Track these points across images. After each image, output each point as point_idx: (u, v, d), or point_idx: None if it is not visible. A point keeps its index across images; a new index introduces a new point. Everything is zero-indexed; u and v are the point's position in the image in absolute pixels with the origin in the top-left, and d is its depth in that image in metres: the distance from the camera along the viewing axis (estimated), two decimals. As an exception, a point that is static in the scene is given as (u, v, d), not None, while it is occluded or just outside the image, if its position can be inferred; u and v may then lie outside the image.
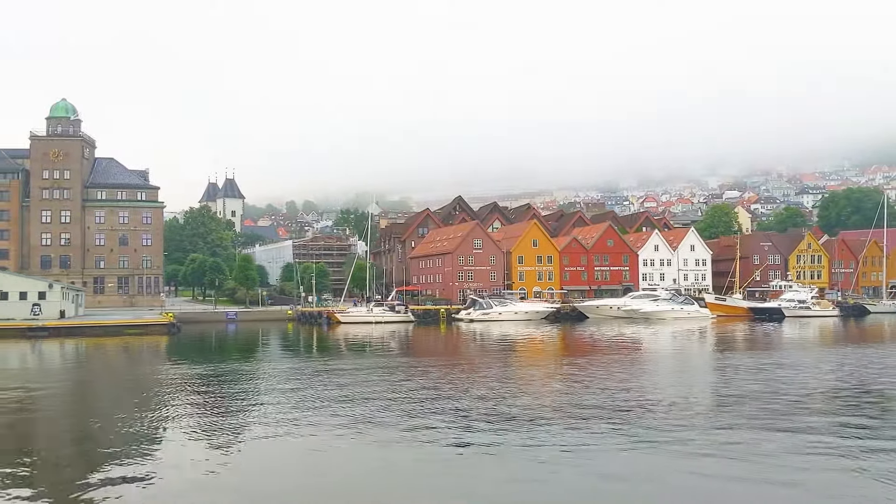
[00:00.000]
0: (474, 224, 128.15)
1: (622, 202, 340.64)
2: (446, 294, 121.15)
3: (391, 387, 33.86)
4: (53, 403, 33.09)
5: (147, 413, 28.48)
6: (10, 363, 53.92)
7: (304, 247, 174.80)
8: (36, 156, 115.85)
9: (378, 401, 29.44)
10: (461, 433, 23.14)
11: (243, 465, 20.40)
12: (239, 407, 29.44)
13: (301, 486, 18.14)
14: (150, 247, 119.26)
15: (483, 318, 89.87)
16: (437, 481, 18.32)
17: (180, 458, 21.07)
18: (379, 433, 23.29)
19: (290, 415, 26.85)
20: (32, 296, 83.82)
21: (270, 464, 20.23)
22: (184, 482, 18.33)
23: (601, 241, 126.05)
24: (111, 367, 51.50)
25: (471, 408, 27.65)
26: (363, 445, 21.99)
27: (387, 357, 51.64)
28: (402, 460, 20.40)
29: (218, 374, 42.11)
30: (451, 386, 34.17)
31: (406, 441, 22.31)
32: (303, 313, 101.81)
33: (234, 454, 21.48)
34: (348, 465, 19.88)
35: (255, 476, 18.98)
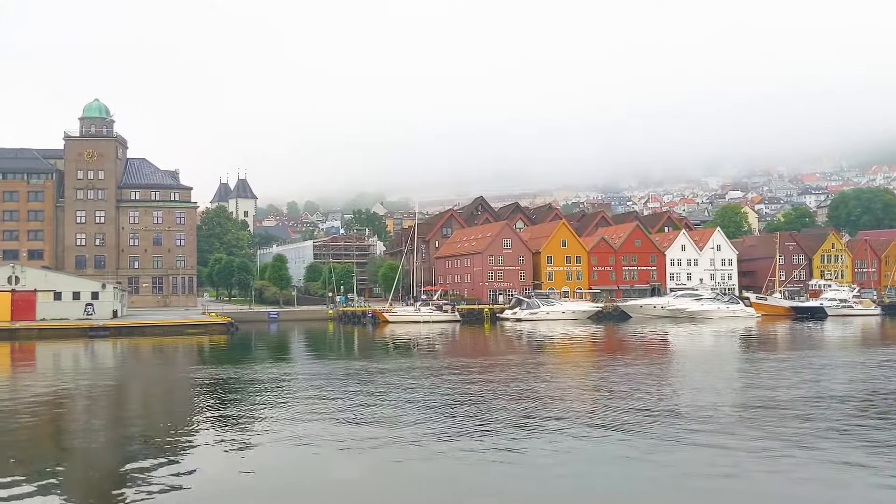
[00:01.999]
0: (504, 224, 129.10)
1: (625, 202, 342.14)
2: (475, 294, 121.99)
3: (477, 389, 33.79)
4: (149, 401, 33.89)
5: (222, 412, 29.44)
6: (100, 361, 54.60)
7: (325, 247, 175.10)
8: (70, 156, 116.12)
9: (466, 405, 29.15)
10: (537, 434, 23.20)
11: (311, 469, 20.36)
12: (320, 407, 29.09)
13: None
14: (184, 247, 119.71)
15: (531, 318, 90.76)
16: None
17: (233, 457, 21.61)
18: (458, 436, 23.09)
19: (365, 418, 26.72)
20: (85, 296, 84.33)
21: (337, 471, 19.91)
22: (222, 483, 18.91)
23: (629, 240, 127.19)
24: (197, 364, 51.72)
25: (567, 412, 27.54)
26: (440, 450, 21.61)
27: (457, 357, 52.26)
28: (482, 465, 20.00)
29: (291, 374, 41.69)
30: (545, 388, 34.21)
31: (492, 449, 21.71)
32: (344, 313, 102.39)
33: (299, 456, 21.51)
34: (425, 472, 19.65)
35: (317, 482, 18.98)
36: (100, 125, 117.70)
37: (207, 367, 47.29)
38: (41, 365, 52.38)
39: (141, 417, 30.25)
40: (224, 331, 78.62)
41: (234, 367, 46.10)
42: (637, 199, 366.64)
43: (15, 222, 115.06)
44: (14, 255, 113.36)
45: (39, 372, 47.92)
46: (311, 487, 18.49)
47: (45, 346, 65.01)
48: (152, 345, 66.19)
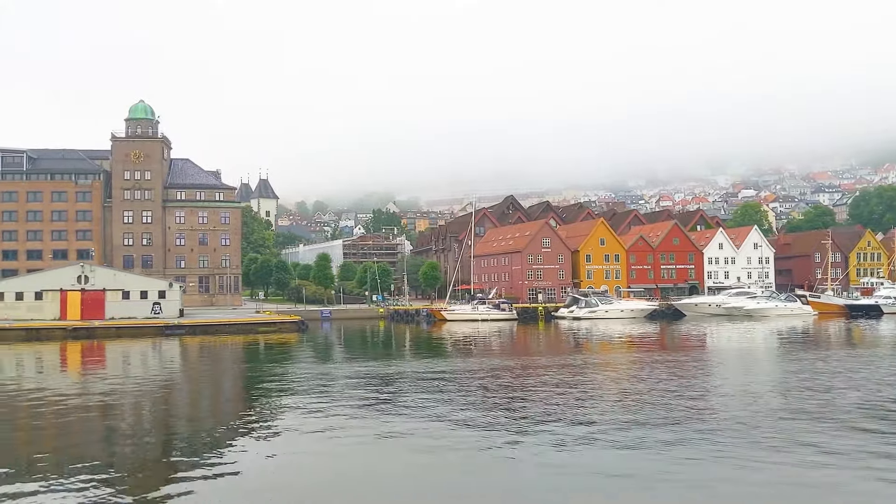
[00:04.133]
0: (543, 223, 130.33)
1: (637, 201, 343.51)
2: (513, 292, 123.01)
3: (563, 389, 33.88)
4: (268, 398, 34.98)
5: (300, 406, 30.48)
6: (197, 358, 55.77)
7: (354, 246, 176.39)
8: (117, 157, 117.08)
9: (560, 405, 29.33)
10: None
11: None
12: (391, 408, 29.38)
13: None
14: (229, 246, 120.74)
15: (589, 316, 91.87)
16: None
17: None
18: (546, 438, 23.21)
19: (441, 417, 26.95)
20: (153, 295, 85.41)
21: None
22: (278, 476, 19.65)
23: (667, 239, 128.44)
24: (282, 362, 52.55)
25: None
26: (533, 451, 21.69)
27: (535, 356, 53.29)
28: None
29: (374, 373, 41.64)
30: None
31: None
32: (396, 311, 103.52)
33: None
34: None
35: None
36: (146, 126, 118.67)
37: (299, 364, 48.53)
38: (141, 362, 53.23)
39: (253, 409, 31.21)
40: (295, 329, 79.73)
41: (325, 364, 47.38)
42: (647, 198, 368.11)
43: (64, 222, 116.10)
44: (63, 255, 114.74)
45: (147, 368, 48.95)
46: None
47: (128, 345, 65.71)
48: (231, 343, 67.15)
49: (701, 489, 17.77)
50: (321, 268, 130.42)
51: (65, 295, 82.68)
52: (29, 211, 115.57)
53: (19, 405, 32.48)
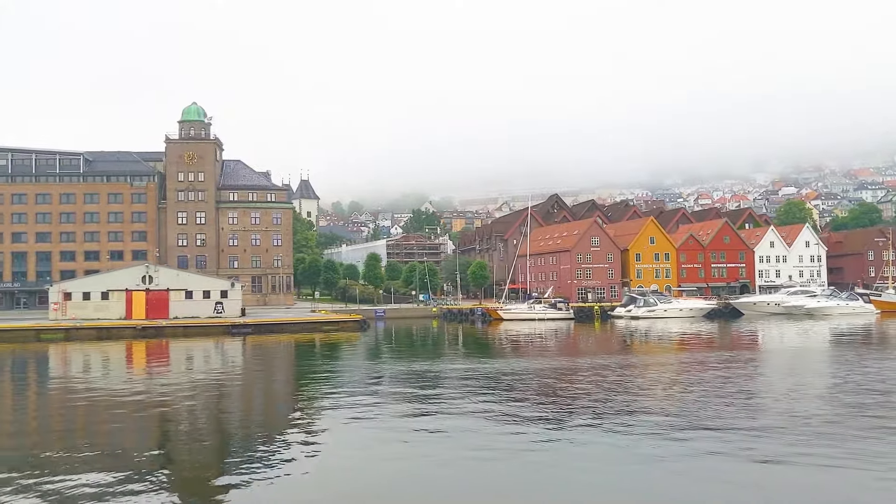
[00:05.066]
0: (591, 221, 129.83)
1: (675, 199, 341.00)
2: (562, 292, 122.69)
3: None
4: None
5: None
6: (273, 356, 56.52)
7: (397, 246, 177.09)
8: (171, 158, 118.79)
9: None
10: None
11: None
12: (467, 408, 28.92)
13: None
14: (281, 247, 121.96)
15: (648, 316, 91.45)
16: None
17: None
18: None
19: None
20: (215, 294, 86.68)
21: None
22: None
23: (717, 237, 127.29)
24: (360, 359, 52.77)
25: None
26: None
27: (617, 355, 53.27)
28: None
29: (467, 371, 41.55)
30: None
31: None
32: (449, 310, 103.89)
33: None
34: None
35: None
36: (198, 128, 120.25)
37: (365, 362, 49.11)
38: (215, 360, 53.93)
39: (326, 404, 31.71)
40: (357, 328, 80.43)
41: (391, 362, 47.77)
42: (686, 196, 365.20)
43: (119, 224, 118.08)
44: (119, 256, 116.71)
45: (220, 366, 49.79)
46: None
47: (196, 343, 66.73)
48: (297, 341, 67.96)
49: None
50: (371, 267, 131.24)
51: (130, 295, 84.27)
52: (86, 213, 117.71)
53: (92, 401, 33.13)
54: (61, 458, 21.74)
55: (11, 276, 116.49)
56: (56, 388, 38.15)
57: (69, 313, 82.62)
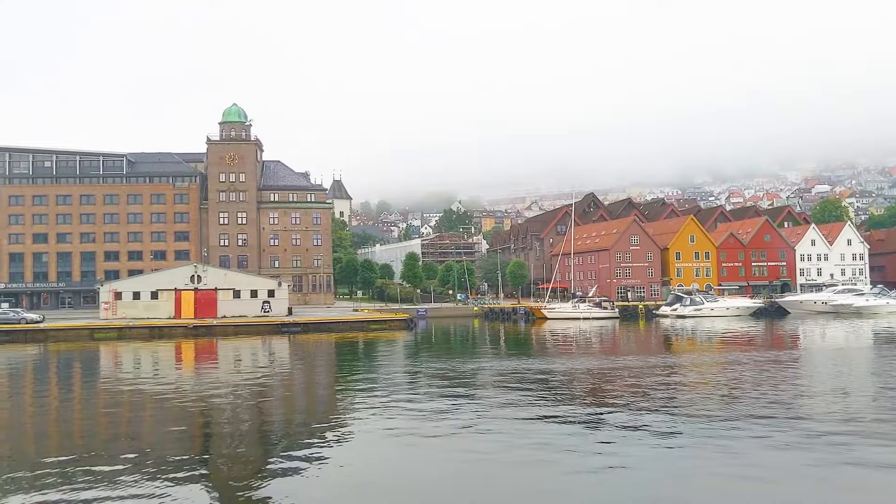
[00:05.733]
0: (631, 220, 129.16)
1: (706, 198, 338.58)
2: (601, 291, 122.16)
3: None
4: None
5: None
6: (336, 353, 56.88)
7: (432, 245, 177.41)
8: (213, 159, 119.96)
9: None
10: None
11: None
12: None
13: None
14: (321, 247, 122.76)
15: (694, 314, 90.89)
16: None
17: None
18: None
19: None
20: (262, 294, 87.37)
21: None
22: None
23: (758, 236, 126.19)
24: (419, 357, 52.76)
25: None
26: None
27: (677, 354, 52.87)
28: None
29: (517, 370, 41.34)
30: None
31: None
32: (491, 309, 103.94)
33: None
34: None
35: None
36: (239, 129, 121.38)
37: (414, 360, 49.03)
38: (271, 358, 54.17)
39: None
40: (404, 326, 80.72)
41: (441, 360, 47.71)
42: (716, 195, 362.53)
43: (162, 224, 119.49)
44: (162, 256, 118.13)
45: (276, 363, 50.19)
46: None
47: (246, 342, 67.02)
48: (346, 339, 68.20)
49: None
50: (409, 267, 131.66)
51: (179, 294, 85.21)
52: (129, 213, 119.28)
53: (142, 398, 33.57)
54: (112, 453, 22.23)
55: (56, 276, 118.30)
56: (109, 385, 38.52)
57: (119, 312, 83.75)
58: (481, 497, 17.19)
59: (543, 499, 16.96)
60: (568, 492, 17.48)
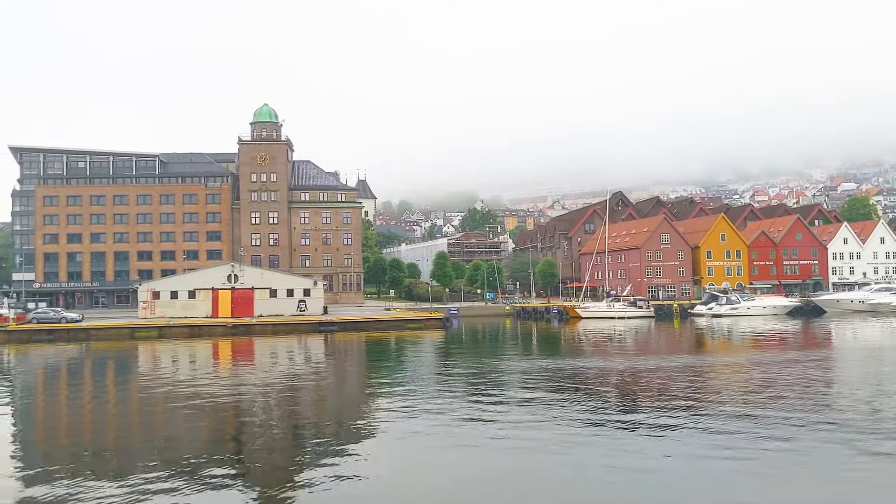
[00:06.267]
0: (661, 218, 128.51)
1: (731, 196, 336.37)
2: (623, 290, 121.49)
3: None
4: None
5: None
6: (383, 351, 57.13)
7: (458, 244, 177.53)
8: (244, 160, 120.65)
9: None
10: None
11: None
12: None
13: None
14: (351, 246, 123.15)
15: (731, 313, 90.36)
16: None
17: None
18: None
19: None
20: (298, 293, 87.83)
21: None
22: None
23: (789, 234, 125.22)
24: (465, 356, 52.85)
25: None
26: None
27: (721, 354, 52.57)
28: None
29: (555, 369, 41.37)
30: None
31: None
32: (523, 308, 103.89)
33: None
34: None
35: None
36: (270, 129, 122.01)
37: (454, 359, 49.06)
38: (312, 357, 54.48)
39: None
40: (440, 325, 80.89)
41: (482, 359, 47.93)
42: (741, 193, 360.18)
43: (195, 224, 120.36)
44: (195, 255, 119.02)
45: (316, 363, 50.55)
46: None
47: (286, 341, 67.33)
48: (383, 339, 68.32)
49: None
50: (440, 266, 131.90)
51: (216, 293, 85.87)
52: (162, 213, 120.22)
53: (181, 396, 33.77)
54: (148, 449, 22.67)
55: (90, 276, 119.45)
56: (155, 383, 38.91)
57: (157, 312, 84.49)
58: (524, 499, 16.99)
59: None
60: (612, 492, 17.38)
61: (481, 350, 58.52)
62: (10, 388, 40.07)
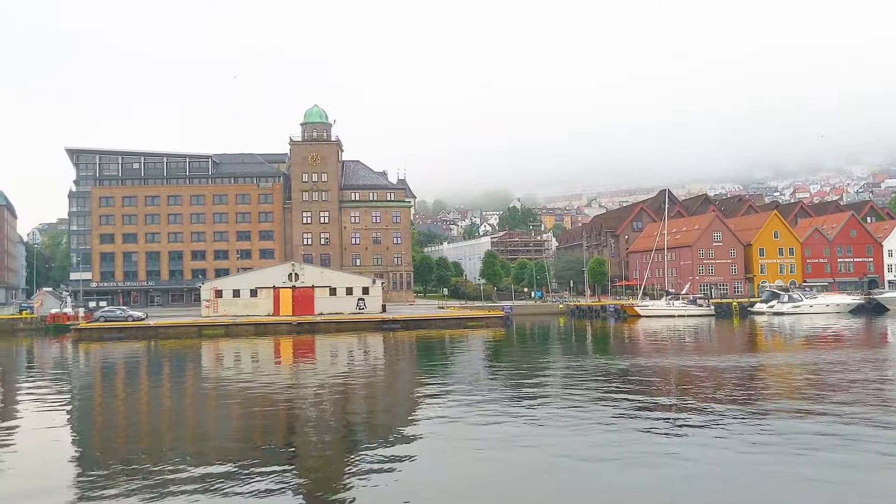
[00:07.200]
0: (713, 216, 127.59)
1: (771, 193, 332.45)
2: (680, 288, 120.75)
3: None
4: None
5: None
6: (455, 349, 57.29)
7: (501, 243, 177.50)
8: (295, 160, 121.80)
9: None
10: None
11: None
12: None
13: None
14: (400, 245, 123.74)
15: (793, 311, 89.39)
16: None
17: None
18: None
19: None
20: (357, 291, 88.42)
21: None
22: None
23: (843, 231, 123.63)
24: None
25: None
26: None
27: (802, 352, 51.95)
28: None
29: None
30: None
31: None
32: (577, 307, 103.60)
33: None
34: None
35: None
36: (321, 130, 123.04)
37: (522, 357, 48.94)
38: (382, 355, 54.78)
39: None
40: (501, 324, 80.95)
41: (550, 357, 47.87)
42: (781, 190, 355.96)
43: (247, 224, 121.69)
44: (247, 255, 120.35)
45: (388, 360, 50.79)
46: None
47: (352, 339, 67.69)
48: (447, 336, 68.30)
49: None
50: (489, 265, 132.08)
51: (277, 292, 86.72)
52: (215, 213, 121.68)
53: (252, 394, 34.00)
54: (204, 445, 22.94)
55: (146, 276, 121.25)
56: (221, 380, 39.48)
57: (220, 310, 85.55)
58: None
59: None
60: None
61: (547, 348, 58.31)
62: (106, 381, 41.08)
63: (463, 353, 54.91)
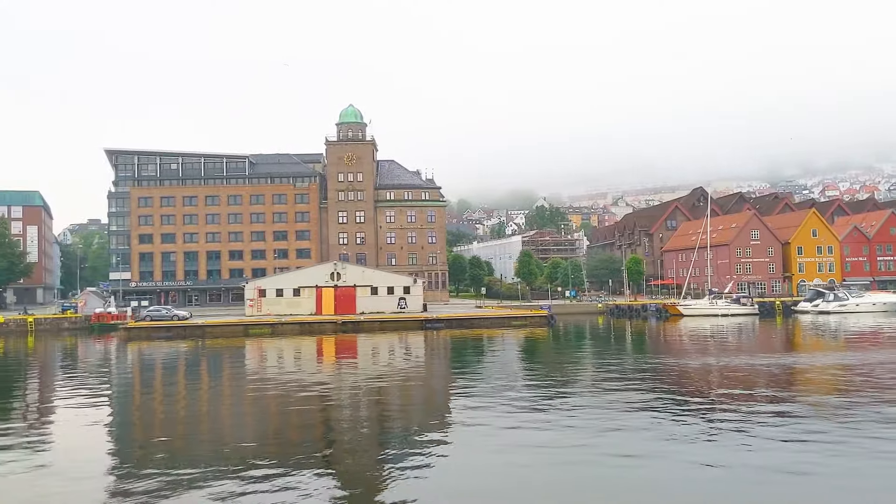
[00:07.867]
0: (751, 214, 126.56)
1: (800, 191, 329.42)
2: (719, 287, 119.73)
3: None
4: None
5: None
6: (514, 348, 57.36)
7: (532, 242, 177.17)
8: (331, 160, 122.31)
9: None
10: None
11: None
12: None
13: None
14: (436, 244, 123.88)
15: (839, 310, 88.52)
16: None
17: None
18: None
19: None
20: (398, 290, 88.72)
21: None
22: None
23: (883, 229, 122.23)
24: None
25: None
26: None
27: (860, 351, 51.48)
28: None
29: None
30: None
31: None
32: (617, 306, 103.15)
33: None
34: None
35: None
36: (356, 129, 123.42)
37: (588, 358, 48.79)
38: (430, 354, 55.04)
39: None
40: (544, 323, 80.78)
41: (593, 358, 47.66)
42: (810, 188, 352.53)
43: (284, 224, 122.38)
44: (284, 254, 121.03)
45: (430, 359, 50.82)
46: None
47: (398, 337, 67.76)
48: (490, 336, 68.42)
49: None
50: (524, 264, 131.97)
51: (320, 291, 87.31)
52: (252, 213, 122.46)
53: (289, 391, 34.40)
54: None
55: (184, 275, 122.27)
56: (274, 378, 39.83)
57: (264, 309, 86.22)
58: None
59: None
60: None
61: (595, 348, 58.06)
62: (167, 378, 41.65)
63: (509, 352, 55.13)
